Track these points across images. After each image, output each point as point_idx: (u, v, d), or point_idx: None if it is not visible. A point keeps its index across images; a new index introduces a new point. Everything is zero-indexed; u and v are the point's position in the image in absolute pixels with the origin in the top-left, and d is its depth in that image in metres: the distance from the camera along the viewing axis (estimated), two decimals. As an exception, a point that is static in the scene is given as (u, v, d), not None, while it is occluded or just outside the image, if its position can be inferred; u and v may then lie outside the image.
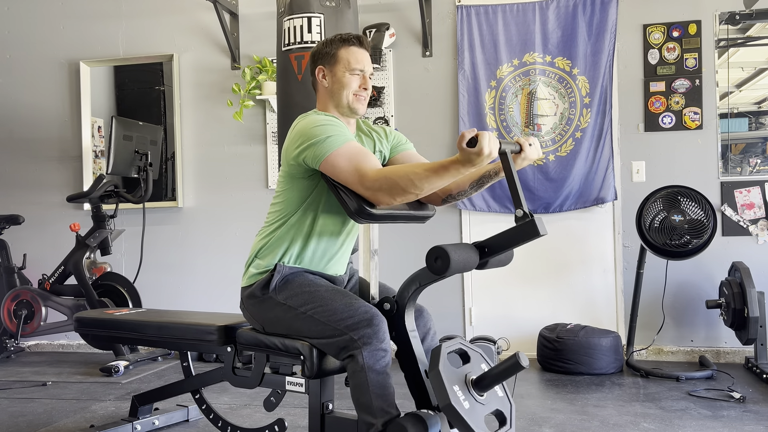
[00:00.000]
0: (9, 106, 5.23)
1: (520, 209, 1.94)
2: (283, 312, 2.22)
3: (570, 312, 4.42)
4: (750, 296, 3.71)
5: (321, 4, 3.45)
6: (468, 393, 1.93)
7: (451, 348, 2.00)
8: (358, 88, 2.29)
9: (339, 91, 2.29)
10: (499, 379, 1.96)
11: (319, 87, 2.35)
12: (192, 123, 4.97)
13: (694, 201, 3.88)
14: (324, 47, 2.32)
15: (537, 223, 1.90)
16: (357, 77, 2.29)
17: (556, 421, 3.05)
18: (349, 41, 2.29)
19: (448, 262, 1.92)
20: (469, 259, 2.00)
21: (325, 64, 2.31)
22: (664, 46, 4.36)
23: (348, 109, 2.31)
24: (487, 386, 1.96)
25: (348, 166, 2.09)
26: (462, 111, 4.53)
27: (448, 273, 1.94)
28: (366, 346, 2.04)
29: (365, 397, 2.03)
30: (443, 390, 1.86)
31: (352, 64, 2.27)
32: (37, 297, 4.56)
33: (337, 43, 2.30)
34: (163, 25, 5.01)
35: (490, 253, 2.04)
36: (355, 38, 2.30)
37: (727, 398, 3.36)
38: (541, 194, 4.43)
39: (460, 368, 1.98)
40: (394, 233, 4.52)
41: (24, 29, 5.22)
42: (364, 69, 2.29)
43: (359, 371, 2.04)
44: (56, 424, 3.13)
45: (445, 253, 1.93)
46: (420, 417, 1.96)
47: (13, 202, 5.15)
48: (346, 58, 2.28)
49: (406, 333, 2.12)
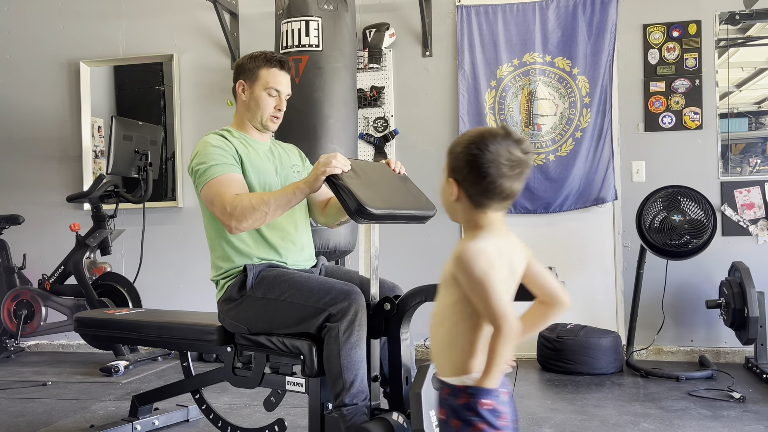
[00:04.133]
0: (9, 106, 5.23)
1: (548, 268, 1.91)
2: (262, 306, 2.25)
3: (570, 312, 4.41)
4: (750, 296, 3.71)
5: (319, 8, 3.45)
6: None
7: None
8: (274, 109, 2.44)
9: (255, 108, 2.44)
10: None
11: (238, 99, 2.49)
12: (192, 123, 4.97)
13: (694, 201, 3.88)
14: (248, 62, 2.45)
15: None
16: (273, 98, 2.43)
17: (556, 421, 3.05)
18: (272, 62, 2.42)
19: None
20: None
21: (246, 80, 2.44)
22: (664, 46, 4.36)
23: (261, 125, 2.47)
24: None
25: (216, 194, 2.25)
26: (462, 111, 4.53)
27: None
28: (343, 318, 2.10)
29: (334, 367, 2.09)
30: (419, 414, 1.89)
31: (271, 84, 2.42)
32: (37, 297, 4.56)
33: (260, 61, 2.43)
34: (163, 25, 5.01)
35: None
36: (278, 60, 2.43)
37: (727, 398, 3.36)
38: (541, 194, 4.43)
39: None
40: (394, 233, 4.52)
41: (24, 29, 5.22)
42: (282, 91, 2.44)
43: (333, 342, 2.09)
44: (56, 424, 3.13)
45: None
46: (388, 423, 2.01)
47: (13, 202, 5.15)
48: (266, 78, 2.41)
49: (398, 337, 2.14)
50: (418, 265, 4.46)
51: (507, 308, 1.34)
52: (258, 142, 2.49)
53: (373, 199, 2.08)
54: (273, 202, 2.17)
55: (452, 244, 4.54)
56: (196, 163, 2.34)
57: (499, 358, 1.34)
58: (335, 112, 3.44)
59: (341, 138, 3.47)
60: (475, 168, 1.38)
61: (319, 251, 3.41)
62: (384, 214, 2.10)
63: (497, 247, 1.40)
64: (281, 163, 2.51)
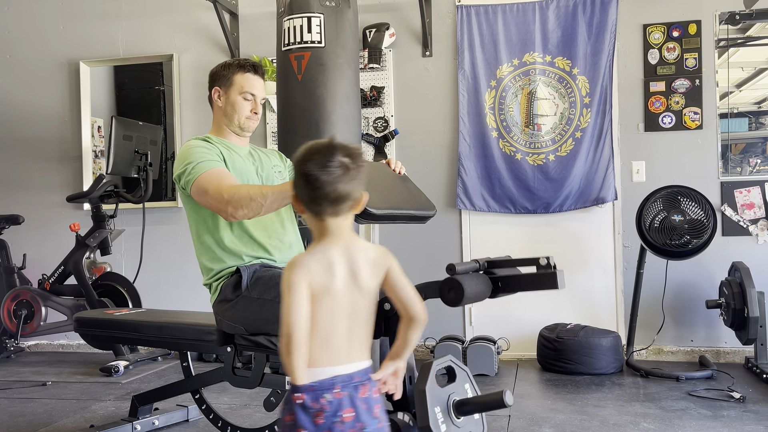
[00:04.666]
0: (9, 106, 5.23)
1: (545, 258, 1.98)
2: (258, 307, 2.25)
3: (570, 312, 4.41)
4: (750, 296, 3.70)
5: (321, 4, 3.44)
6: (447, 416, 1.96)
7: (441, 365, 2.03)
8: (249, 112, 2.49)
9: (231, 113, 2.48)
10: (480, 410, 2.01)
11: (215, 106, 2.53)
12: (192, 123, 4.97)
13: (694, 201, 3.88)
14: (222, 70, 2.51)
15: (558, 278, 1.95)
16: (249, 102, 2.48)
17: (556, 421, 3.05)
18: (245, 68, 2.48)
19: (461, 296, 1.93)
20: (482, 294, 2.03)
21: (221, 86, 2.49)
22: (664, 46, 4.36)
23: (239, 128, 2.50)
24: (467, 412, 2.00)
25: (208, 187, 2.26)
26: (462, 111, 4.53)
27: (460, 305, 1.95)
28: None
29: None
30: (425, 411, 1.89)
31: (246, 88, 2.47)
32: (37, 297, 4.56)
33: (234, 68, 2.49)
34: (162, 25, 5.01)
35: (502, 290, 2.07)
36: (251, 65, 2.50)
37: (727, 398, 3.36)
38: (541, 194, 4.43)
39: (445, 387, 2.01)
40: (394, 233, 4.52)
41: (24, 29, 5.22)
42: (256, 95, 2.49)
43: None
44: (56, 424, 3.13)
45: (459, 286, 1.92)
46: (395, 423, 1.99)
47: (13, 202, 5.15)
48: (241, 83, 2.47)
49: None
50: (418, 265, 4.46)
51: (294, 322, 1.43)
52: (238, 147, 2.52)
53: (373, 199, 2.08)
54: (270, 195, 2.18)
55: (452, 243, 4.56)
56: (182, 165, 2.34)
57: (287, 364, 1.45)
58: (338, 108, 3.43)
59: (345, 135, 3.45)
60: (301, 178, 1.50)
61: None
62: (384, 214, 2.10)
63: (328, 258, 1.48)
64: (261, 165, 2.54)
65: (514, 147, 4.47)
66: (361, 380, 1.51)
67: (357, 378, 1.50)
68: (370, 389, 1.53)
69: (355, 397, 1.49)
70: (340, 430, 1.46)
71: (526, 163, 4.44)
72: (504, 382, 3.82)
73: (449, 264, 1.98)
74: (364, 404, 1.50)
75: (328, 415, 1.47)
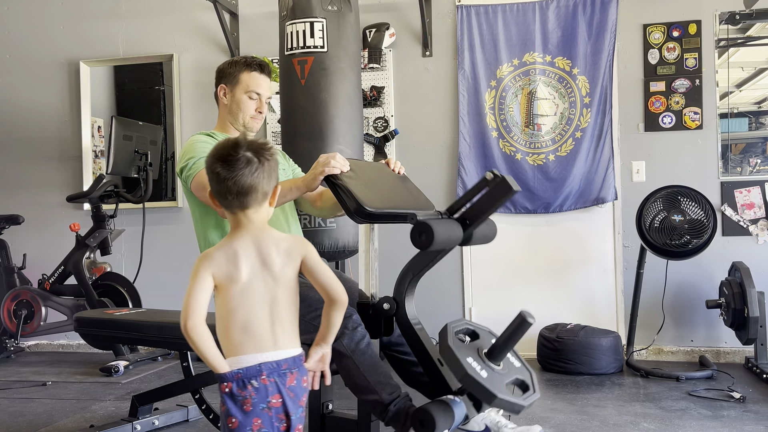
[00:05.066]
0: (9, 106, 5.23)
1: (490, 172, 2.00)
2: None
3: (570, 312, 4.41)
4: (750, 296, 3.70)
5: (323, 9, 3.46)
6: (484, 363, 1.89)
7: (457, 327, 1.98)
8: (254, 111, 2.51)
9: (236, 111, 2.51)
10: (511, 343, 1.90)
11: (220, 104, 2.56)
12: (192, 123, 4.97)
13: (694, 201, 3.88)
14: (228, 67, 2.53)
15: (508, 180, 1.94)
16: (254, 101, 2.51)
17: (556, 421, 3.05)
18: (252, 66, 2.51)
19: (432, 235, 1.92)
20: (453, 233, 2.02)
21: (227, 84, 2.52)
22: (664, 46, 4.36)
23: (243, 127, 2.52)
24: (500, 354, 1.91)
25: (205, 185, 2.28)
26: (462, 111, 4.53)
27: (433, 247, 1.94)
28: (342, 336, 2.09)
29: (358, 378, 2.08)
30: (458, 363, 1.82)
31: (251, 87, 2.49)
32: (37, 297, 4.56)
33: (240, 66, 2.51)
34: (163, 25, 5.01)
35: (471, 224, 2.05)
36: (257, 64, 2.52)
37: (727, 398, 3.36)
38: (541, 194, 4.43)
39: (471, 343, 1.97)
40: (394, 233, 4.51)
41: (24, 29, 5.22)
42: (261, 94, 2.52)
43: (345, 359, 2.09)
44: (56, 424, 3.13)
45: (428, 227, 1.94)
46: (444, 402, 1.96)
47: (13, 202, 5.15)
48: (247, 82, 2.49)
49: (411, 326, 2.12)
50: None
51: (192, 308, 1.54)
52: None
53: (373, 199, 2.08)
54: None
55: (452, 244, 4.56)
56: (185, 159, 2.37)
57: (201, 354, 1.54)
58: (341, 112, 3.47)
59: (347, 138, 3.49)
60: (209, 173, 1.59)
61: (328, 251, 3.41)
62: (383, 213, 2.10)
63: (234, 249, 1.58)
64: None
65: (514, 147, 4.47)
66: (289, 368, 1.55)
67: (285, 366, 1.55)
68: (298, 378, 1.57)
69: (282, 384, 1.54)
70: (268, 416, 1.51)
71: (526, 163, 4.45)
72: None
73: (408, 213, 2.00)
74: (291, 392, 1.55)
75: (255, 401, 1.52)
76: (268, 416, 1.52)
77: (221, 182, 1.57)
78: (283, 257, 1.60)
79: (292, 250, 1.62)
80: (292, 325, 1.61)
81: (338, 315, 1.70)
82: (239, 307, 1.56)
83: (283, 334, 1.58)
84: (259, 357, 1.54)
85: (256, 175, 1.57)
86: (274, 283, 1.59)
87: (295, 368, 1.58)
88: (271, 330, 1.57)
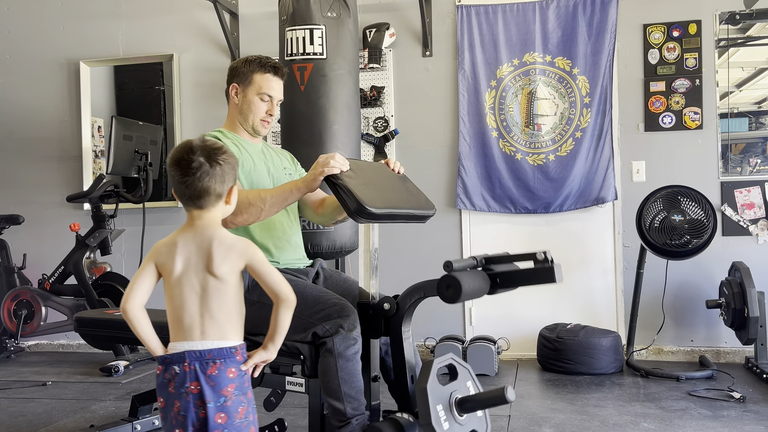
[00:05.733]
0: (9, 106, 5.23)
1: (542, 252, 2.00)
2: (258, 310, 2.24)
3: (570, 312, 4.41)
4: (750, 296, 3.70)
5: (322, 16, 3.48)
6: (449, 413, 1.97)
7: (442, 364, 2.03)
8: (265, 113, 2.44)
9: (247, 112, 2.44)
10: (482, 407, 2.01)
11: (231, 102, 2.50)
12: (192, 123, 4.97)
13: (694, 201, 3.88)
14: (242, 66, 2.44)
15: (555, 272, 1.95)
16: (266, 103, 2.44)
17: (556, 421, 3.05)
18: (266, 68, 2.42)
19: (459, 292, 1.94)
20: (480, 290, 2.03)
21: (239, 83, 2.45)
22: (664, 46, 4.36)
23: (252, 129, 2.47)
24: (469, 409, 2.00)
25: None
26: (462, 111, 4.53)
27: (458, 301, 1.97)
28: (336, 334, 2.09)
29: (333, 382, 2.08)
30: (427, 409, 1.89)
31: (264, 89, 2.42)
32: (37, 297, 4.56)
33: (254, 66, 2.42)
34: (163, 25, 5.01)
35: (501, 286, 2.08)
36: (272, 66, 2.43)
37: (727, 398, 3.36)
38: (541, 194, 4.43)
39: (447, 386, 2.02)
40: (394, 233, 4.51)
41: (24, 29, 5.22)
42: (274, 96, 2.44)
43: (329, 356, 2.09)
44: (56, 424, 3.13)
45: (457, 282, 1.94)
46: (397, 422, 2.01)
47: (13, 202, 5.15)
48: (260, 83, 2.42)
49: (400, 336, 2.13)
50: (418, 265, 4.46)
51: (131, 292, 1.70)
52: (250, 144, 2.50)
53: (373, 199, 2.08)
54: (269, 199, 2.18)
55: (452, 243, 4.56)
56: None
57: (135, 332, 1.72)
58: (339, 117, 3.52)
59: (345, 142, 3.55)
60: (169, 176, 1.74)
61: (325, 252, 3.43)
62: (383, 213, 2.10)
63: (175, 242, 1.73)
64: (273, 165, 2.52)
65: (514, 147, 4.47)
66: (213, 358, 1.65)
67: (209, 356, 1.65)
68: (222, 368, 1.65)
69: (202, 372, 1.64)
70: (186, 401, 1.63)
71: (526, 163, 4.45)
72: (504, 382, 3.82)
73: (446, 261, 1.99)
74: (212, 381, 1.64)
75: (176, 385, 1.65)
76: (186, 401, 1.63)
77: (177, 185, 1.71)
78: (223, 255, 1.69)
79: (234, 251, 1.70)
80: (226, 319, 1.69)
81: (286, 314, 1.75)
82: (173, 296, 1.71)
83: (212, 327, 1.67)
84: (186, 345, 1.67)
85: (207, 179, 1.68)
86: (210, 278, 1.68)
87: (221, 359, 1.66)
88: (200, 321, 1.67)
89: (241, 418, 1.67)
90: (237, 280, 1.71)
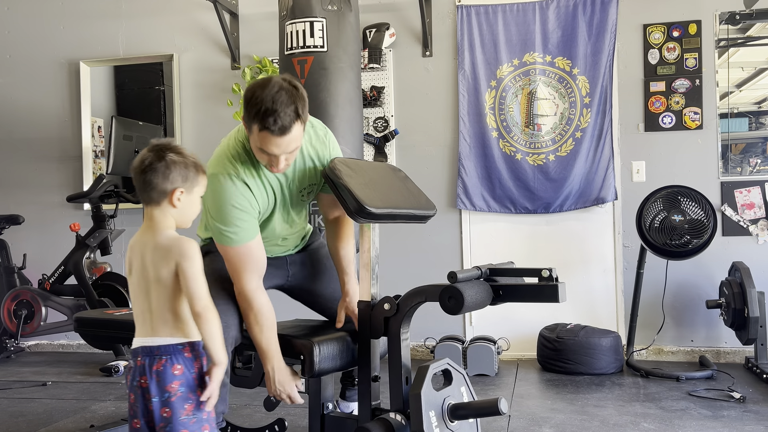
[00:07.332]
0: (9, 106, 5.23)
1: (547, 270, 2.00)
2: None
3: (570, 312, 4.41)
4: (750, 296, 3.70)
5: (323, 8, 3.46)
6: (441, 419, 1.99)
7: (437, 369, 2.05)
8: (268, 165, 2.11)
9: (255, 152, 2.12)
10: (475, 415, 2.03)
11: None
12: (192, 123, 4.97)
13: (694, 201, 3.88)
14: (247, 104, 2.02)
15: (559, 291, 1.95)
16: (266, 155, 2.07)
17: (556, 421, 3.05)
18: (264, 125, 1.97)
19: (461, 305, 1.95)
20: (482, 302, 2.05)
21: (245, 122, 2.07)
22: (664, 46, 4.36)
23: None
24: (461, 416, 2.02)
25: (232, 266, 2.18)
26: (462, 111, 4.53)
27: (460, 313, 1.98)
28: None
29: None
30: (419, 414, 1.91)
31: (261, 146, 2.04)
32: (37, 297, 4.55)
33: (253, 116, 1.99)
34: (163, 25, 5.01)
35: (503, 299, 2.09)
36: (272, 124, 1.96)
37: (727, 398, 3.36)
38: (541, 194, 4.43)
39: (440, 391, 2.03)
40: (394, 233, 4.51)
41: (24, 29, 5.22)
42: (274, 153, 2.05)
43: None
44: (56, 424, 3.13)
45: (460, 294, 1.95)
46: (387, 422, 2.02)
47: (13, 202, 5.15)
48: (257, 138, 2.03)
49: (399, 337, 2.14)
50: (419, 265, 4.46)
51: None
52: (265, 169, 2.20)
53: (373, 199, 2.09)
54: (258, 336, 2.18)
55: (452, 243, 4.56)
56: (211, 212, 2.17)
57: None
58: (341, 111, 3.47)
59: (347, 137, 3.50)
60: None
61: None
62: (384, 213, 2.10)
63: (135, 240, 1.81)
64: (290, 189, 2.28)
65: (514, 147, 4.47)
66: (160, 354, 1.73)
67: (157, 352, 1.73)
68: (167, 365, 1.72)
69: (149, 367, 1.73)
70: (137, 393, 1.74)
71: (526, 163, 4.45)
72: (504, 382, 3.82)
73: (451, 272, 1.99)
74: (157, 376, 1.72)
75: (131, 378, 1.77)
76: (138, 393, 1.74)
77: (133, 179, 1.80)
78: (160, 257, 1.75)
79: (169, 253, 1.74)
80: (173, 317, 1.76)
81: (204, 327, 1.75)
82: (131, 294, 1.82)
83: (162, 324, 1.75)
84: (140, 341, 1.77)
85: (151, 173, 1.74)
86: (148, 278, 1.76)
87: (167, 356, 1.73)
88: (150, 319, 1.76)
89: (187, 415, 1.73)
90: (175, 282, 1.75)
